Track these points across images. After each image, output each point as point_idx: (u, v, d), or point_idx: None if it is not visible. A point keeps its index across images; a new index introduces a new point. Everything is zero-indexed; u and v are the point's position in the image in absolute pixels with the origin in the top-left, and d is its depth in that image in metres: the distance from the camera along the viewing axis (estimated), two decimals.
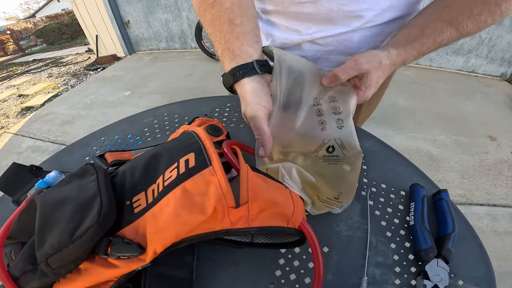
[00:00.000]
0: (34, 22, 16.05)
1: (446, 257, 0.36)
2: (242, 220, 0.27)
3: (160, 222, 0.28)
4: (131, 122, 0.70)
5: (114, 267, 0.30)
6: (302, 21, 0.56)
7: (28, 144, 2.67)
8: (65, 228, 0.28)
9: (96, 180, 0.31)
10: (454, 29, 0.46)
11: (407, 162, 0.52)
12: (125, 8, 4.55)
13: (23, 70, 5.64)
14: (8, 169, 0.50)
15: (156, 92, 3.30)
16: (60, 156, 0.62)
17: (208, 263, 0.38)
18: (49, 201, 0.32)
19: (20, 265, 0.31)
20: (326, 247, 0.38)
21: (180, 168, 0.29)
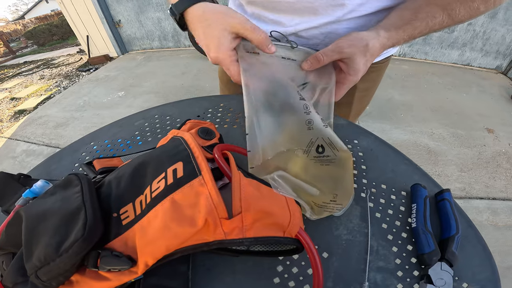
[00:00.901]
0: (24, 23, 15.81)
1: (450, 260, 0.35)
2: (236, 230, 0.26)
3: (149, 235, 0.26)
4: (121, 125, 0.68)
5: (106, 279, 0.29)
6: (285, 12, 0.54)
7: (22, 148, 2.63)
8: (50, 242, 0.27)
9: (80, 191, 0.29)
10: (446, 15, 0.45)
11: (407, 160, 0.50)
12: (115, 8, 4.48)
13: (14, 73, 5.55)
14: None
15: (150, 92, 3.26)
16: (49, 163, 0.59)
17: (204, 272, 0.37)
18: (34, 214, 0.30)
19: (11, 277, 0.30)
20: (326, 253, 0.37)
21: (168, 179, 0.27)
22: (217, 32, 0.40)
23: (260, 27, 0.58)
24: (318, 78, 0.46)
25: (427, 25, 0.46)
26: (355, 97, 0.68)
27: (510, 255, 1.37)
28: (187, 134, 0.33)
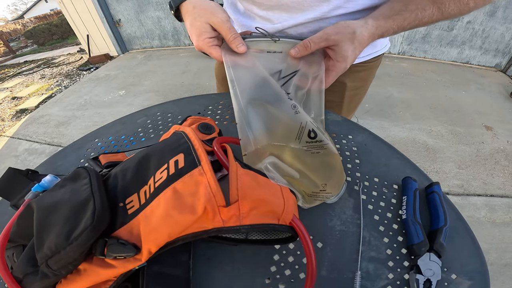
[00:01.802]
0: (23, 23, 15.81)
1: (438, 251, 0.36)
2: (233, 218, 0.28)
3: (152, 223, 0.28)
4: (124, 123, 0.70)
5: (112, 267, 0.30)
6: (273, 9, 0.56)
7: (24, 147, 2.66)
8: (61, 231, 0.28)
9: (89, 183, 0.31)
10: (436, 8, 0.46)
11: (399, 155, 0.52)
12: (115, 7, 4.50)
13: (15, 72, 5.57)
14: (4, 174, 0.50)
15: (151, 91, 3.28)
16: (55, 159, 0.61)
17: (204, 260, 0.38)
18: (45, 205, 0.32)
19: (22, 267, 0.32)
20: (320, 243, 0.39)
21: (170, 169, 0.29)
22: (199, 23, 0.46)
23: (250, 23, 0.60)
24: (307, 66, 0.48)
25: (417, 16, 0.47)
26: (346, 96, 0.70)
27: (507, 252, 1.39)
28: (188, 128, 0.35)
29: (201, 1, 0.48)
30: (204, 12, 0.46)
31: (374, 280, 0.35)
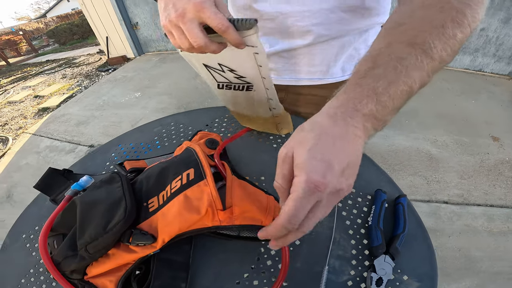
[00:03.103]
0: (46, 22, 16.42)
1: (393, 254, 0.44)
2: (228, 219, 0.37)
3: (167, 219, 0.38)
4: (142, 131, 0.80)
5: (134, 252, 0.40)
6: (268, 35, 0.65)
7: (46, 144, 2.84)
8: (99, 223, 0.39)
9: (121, 186, 0.41)
10: (420, 52, 0.32)
11: (378, 169, 0.60)
12: (133, 10, 4.69)
13: (37, 71, 5.86)
14: (45, 173, 0.60)
15: (164, 93, 3.43)
16: (85, 161, 0.73)
17: (202, 250, 0.48)
18: (86, 202, 0.42)
19: (63, 252, 0.42)
20: (298, 240, 0.47)
21: (183, 180, 0.39)
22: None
23: None
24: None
25: (396, 70, 0.32)
26: None
27: (500, 261, 1.43)
28: (197, 147, 0.45)
29: None
30: None
31: (338, 275, 0.43)
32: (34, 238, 0.58)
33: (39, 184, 0.60)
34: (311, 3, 0.55)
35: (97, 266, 0.41)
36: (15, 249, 0.57)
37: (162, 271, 0.43)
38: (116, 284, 0.40)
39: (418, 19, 0.35)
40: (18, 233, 0.60)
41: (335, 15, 0.57)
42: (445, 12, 0.33)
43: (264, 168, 0.60)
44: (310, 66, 0.68)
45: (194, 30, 0.36)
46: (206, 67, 0.48)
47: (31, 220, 0.63)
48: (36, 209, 0.65)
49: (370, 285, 0.41)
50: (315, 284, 0.42)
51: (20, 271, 0.52)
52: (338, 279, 0.43)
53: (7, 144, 3.03)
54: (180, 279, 0.45)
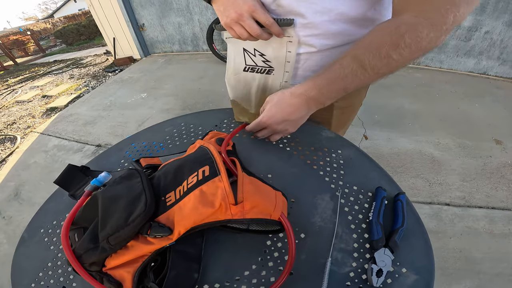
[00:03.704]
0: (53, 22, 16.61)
1: (392, 247, 0.47)
2: (239, 213, 0.40)
3: (184, 212, 0.41)
4: (154, 131, 0.84)
5: (151, 244, 0.43)
6: None
7: (54, 143, 2.90)
8: (121, 216, 0.42)
9: (141, 181, 0.45)
10: (357, 64, 0.50)
11: (379, 168, 0.63)
12: (140, 12, 4.76)
13: (45, 71, 5.95)
14: (65, 169, 0.64)
15: (170, 94, 3.48)
16: (100, 158, 0.77)
17: (213, 243, 0.51)
18: (107, 196, 0.46)
19: (84, 244, 0.44)
20: (303, 234, 0.51)
21: (199, 176, 0.43)
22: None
23: None
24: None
25: (340, 74, 0.52)
26: (334, 114, 0.79)
27: (501, 262, 1.44)
28: (211, 146, 0.49)
29: None
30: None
31: (340, 266, 0.46)
32: (52, 233, 0.60)
33: (59, 179, 0.63)
34: (312, 16, 0.57)
35: (116, 258, 0.43)
36: (33, 244, 0.59)
37: (177, 262, 0.45)
38: (133, 275, 0.42)
39: (368, 39, 0.51)
40: (36, 228, 0.63)
41: (336, 27, 0.59)
42: (388, 36, 0.47)
43: (271, 166, 0.64)
44: (312, 72, 0.71)
45: (253, 25, 0.55)
46: (244, 51, 0.68)
47: (50, 215, 0.65)
48: (54, 205, 0.68)
49: (371, 276, 0.44)
50: (319, 275, 0.45)
51: (38, 265, 0.55)
52: (341, 270, 0.46)
53: (15, 142, 3.08)
54: (193, 270, 0.48)
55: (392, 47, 0.46)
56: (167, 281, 0.42)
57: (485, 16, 3.11)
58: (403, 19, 0.47)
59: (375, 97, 2.74)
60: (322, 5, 0.55)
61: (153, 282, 0.42)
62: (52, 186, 0.65)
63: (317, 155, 0.66)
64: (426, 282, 0.44)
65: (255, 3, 0.56)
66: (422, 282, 0.44)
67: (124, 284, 0.43)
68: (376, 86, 0.80)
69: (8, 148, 3.04)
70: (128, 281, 0.42)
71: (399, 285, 0.44)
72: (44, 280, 0.52)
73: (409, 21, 0.46)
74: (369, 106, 2.72)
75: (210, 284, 0.47)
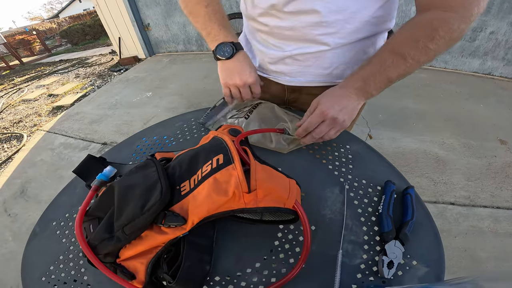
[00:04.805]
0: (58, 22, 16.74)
1: (402, 239, 0.47)
2: (252, 202, 0.41)
3: (198, 201, 0.42)
4: (164, 125, 0.86)
5: (165, 234, 0.43)
6: (284, 40, 0.71)
7: (60, 141, 2.92)
8: (137, 204, 0.42)
9: (156, 170, 0.46)
10: (399, 57, 0.54)
11: (387, 163, 0.63)
12: (145, 12, 4.79)
13: (51, 71, 6.00)
14: (84, 159, 0.65)
15: (175, 94, 3.49)
16: (111, 152, 0.78)
17: (225, 234, 0.52)
18: (124, 186, 0.47)
19: (99, 235, 0.44)
20: (313, 226, 0.51)
21: (213, 164, 0.43)
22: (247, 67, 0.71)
23: (266, 49, 0.77)
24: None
25: (382, 66, 0.56)
26: None
27: (505, 261, 1.43)
28: (225, 136, 0.49)
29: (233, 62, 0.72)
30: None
31: (351, 258, 0.47)
32: (64, 226, 0.61)
33: (77, 169, 0.64)
34: (327, 14, 0.60)
35: (130, 249, 0.43)
36: (45, 237, 0.60)
37: (191, 253, 0.45)
38: (146, 266, 0.42)
39: (402, 35, 0.56)
40: (48, 221, 0.63)
41: (350, 25, 0.62)
42: (423, 31, 0.53)
43: (281, 160, 0.65)
44: (324, 69, 0.73)
45: (248, 93, 0.73)
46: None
47: (62, 208, 0.66)
48: (67, 198, 0.69)
49: (382, 268, 0.44)
50: (330, 266, 0.46)
51: (50, 258, 0.55)
52: (352, 262, 0.47)
53: (22, 140, 3.11)
54: (205, 262, 0.48)
55: (428, 39, 0.51)
56: (181, 272, 0.43)
57: (490, 16, 3.10)
58: (434, 14, 0.52)
59: (380, 97, 2.66)
60: (336, 4, 0.58)
61: (166, 273, 0.43)
62: (58, 183, 0.66)
63: (326, 150, 0.67)
64: (436, 275, 0.45)
65: (257, 77, 0.72)
66: (433, 274, 0.45)
67: (137, 275, 0.43)
68: None
69: (15, 146, 3.07)
70: (142, 272, 0.43)
71: (410, 277, 0.44)
72: (55, 273, 0.52)
73: (440, 16, 0.51)
74: (374, 106, 2.71)
75: (221, 276, 0.48)
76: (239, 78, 0.70)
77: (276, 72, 0.80)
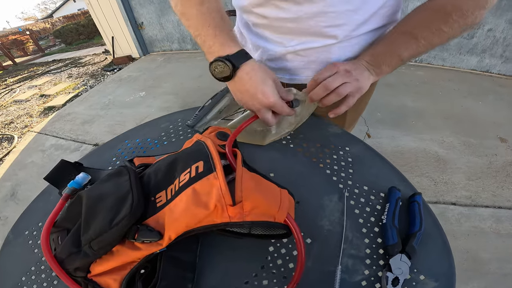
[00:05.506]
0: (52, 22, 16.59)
1: (409, 253, 0.42)
2: (238, 215, 0.35)
3: (175, 214, 0.37)
4: (149, 126, 0.80)
5: (139, 249, 0.38)
6: (285, 34, 0.64)
7: (51, 143, 2.86)
8: (105, 218, 0.37)
9: (129, 179, 0.40)
10: (408, 36, 0.55)
11: (390, 166, 0.58)
12: (138, 10, 4.72)
13: (44, 71, 5.92)
14: (56, 165, 0.59)
15: (169, 93, 3.43)
16: (91, 156, 0.72)
17: (210, 249, 0.47)
18: (93, 195, 0.41)
19: (66, 248, 0.40)
20: (309, 239, 0.46)
21: (192, 173, 0.37)
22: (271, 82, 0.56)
23: (264, 45, 0.69)
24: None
25: (392, 45, 0.57)
26: (348, 111, 0.75)
27: (508, 263, 1.40)
28: (208, 139, 0.43)
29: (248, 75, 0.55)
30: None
31: (351, 275, 0.42)
32: (37, 235, 0.57)
33: (49, 175, 0.58)
34: (336, 3, 0.55)
35: (101, 264, 0.39)
36: (17, 245, 0.56)
37: (169, 270, 0.41)
38: (120, 283, 0.39)
39: (414, 18, 0.56)
40: (21, 229, 0.59)
41: (359, 16, 0.57)
42: (437, 14, 0.53)
43: (273, 165, 0.59)
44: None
45: (269, 118, 0.56)
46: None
47: (36, 215, 0.61)
48: (42, 204, 0.64)
49: (385, 285, 0.39)
50: (328, 284, 0.41)
51: (21, 268, 0.51)
52: (352, 279, 0.41)
53: (13, 142, 3.05)
54: (187, 280, 0.43)
55: (442, 22, 0.52)
56: None
57: (488, 13, 3.04)
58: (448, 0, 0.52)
59: (377, 94, 2.63)
60: None
61: None
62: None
63: (324, 152, 0.61)
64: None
65: (274, 99, 0.53)
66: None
67: None
68: (378, 84, 0.77)
69: (5, 147, 3.00)
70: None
71: None
72: (27, 284, 0.49)
73: (454, 2, 0.51)
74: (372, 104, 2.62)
75: None
76: (257, 103, 0.54)
77: (275, 69, 0.73)
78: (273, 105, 0.53)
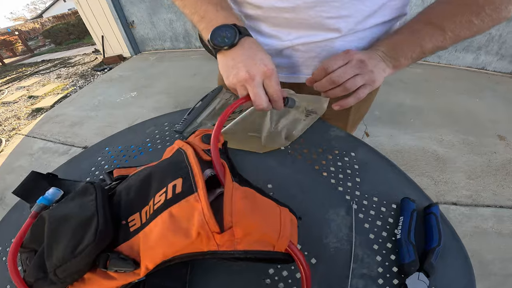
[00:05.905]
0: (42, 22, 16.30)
1: (427, 271, 0.37)
2: (228, 243, 0.29)
3: (150, 241, 0.30)
4: (133, 131, 0.73)
5: (113, 279, 0.32)
6: (282, 27, 0.57)
7: (39, 146, 2.75)
8: (68, 244, 0.31)
9: (95, 200, 0.33)
10: (433, 27, 0.50)
11: (400, 173, 0.52)
12: (129, 9, 4.61)
13: (32, 71, 5.78)
14: (26, 177, 0.52)
15: (162, 93, 3.34)
16: (69, 165, 0.65)
17: (201, 272, 0.40)
18: (56, 217, 0.35)
19: (33, 272, 0.34)
20: (314, 259, 0.40)
21: (168, 193, 0.31)
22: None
23: (258, 39, 0.62)
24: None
25: (414, 35, 0.51)
26: (352, 107, 0.70)
27: (511, 263, 1.36)
28: (189, 148, 0.36)
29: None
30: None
31: None
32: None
33: (19, 189, 0.51)
34: None
35: None
36: None
37: None
38: None
39: (442, 7, 0.51)
40: None
41: (366, 8, 0.51)
42: (467, 6, 0.48)
43: (271, 175, 0.53)
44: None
45: (261, 96, 0.46)
46: None
47: (11, 229, 0.55)
48: (17, 216, 0.58)
49: None
50: None
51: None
52: None
53: (0, 145, 2.93)
54: None
55: (473, 14, 0.47)
56: None
57: None
58: None
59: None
60: None
61: None
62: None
63: (327, 159, 0.55)
64: None
65: (273, 68, 0.46)
66: None
67: None
68: None
69: None
70: None
71: None
72: None
73: None
74: None
75: None
76: (245, 70, 0.45)
77: None
78: (270, 73, 0.46)
